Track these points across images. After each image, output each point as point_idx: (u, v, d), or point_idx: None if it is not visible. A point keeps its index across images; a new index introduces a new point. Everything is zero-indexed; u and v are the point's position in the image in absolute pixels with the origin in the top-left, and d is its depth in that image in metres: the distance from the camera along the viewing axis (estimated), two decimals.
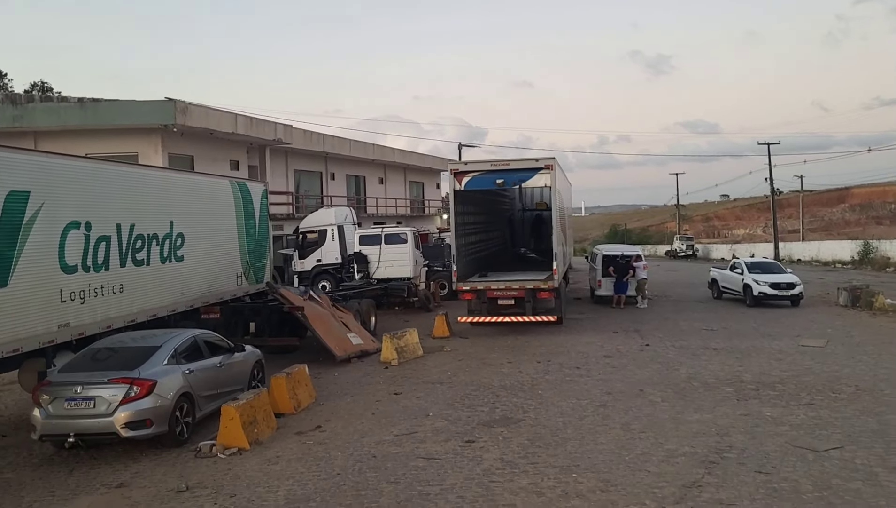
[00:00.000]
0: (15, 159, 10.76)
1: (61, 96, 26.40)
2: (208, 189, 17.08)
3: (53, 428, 9.56)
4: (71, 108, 25.70)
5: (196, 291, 15.85)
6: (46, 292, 11.06)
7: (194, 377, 10.68)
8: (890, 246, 50.70)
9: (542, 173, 19.46)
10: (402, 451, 9.65)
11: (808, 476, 8.21)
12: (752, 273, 25.59)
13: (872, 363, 14.59)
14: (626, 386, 13.08)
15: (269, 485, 8.52)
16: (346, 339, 16.63)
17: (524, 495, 7.93)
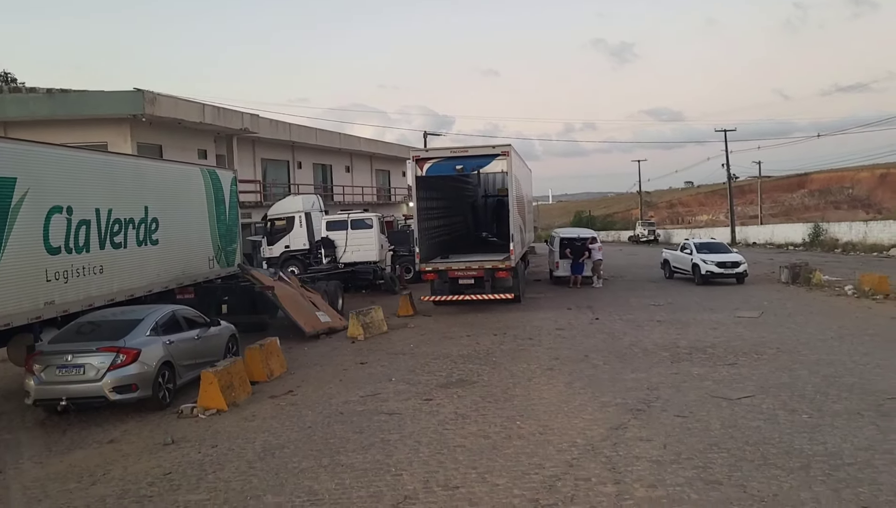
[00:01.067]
0: (2, 148, 11.57)
1: (29, 87, 26.81)
2: (180, 176, 17.92)
3: (46, 393, 10.46)
4: (40, 98, 26.21)
5: (170, 273, 16.71)
6: (33, 272, 11.90)
7: (174, 347, 11.62)
8: (838, 228, 52.90)
9: (500, 160, 20.58)
10: (367, 408, 10.73)
11: (719, 418, 9.45)
12: (700, 253, 27.04)
13: (797, 330, 16.00)
14: (573, 353, 14.30)
15: (247, 438, 9.54)
16: (315, 317, 17.64)
17: (473, 438, 9.06)
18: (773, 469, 7.56)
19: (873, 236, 47.13)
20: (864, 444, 8.22)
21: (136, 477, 8.22)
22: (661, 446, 8.43)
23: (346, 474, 7.96)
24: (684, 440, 8.61)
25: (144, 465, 8.65)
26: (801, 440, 8.45)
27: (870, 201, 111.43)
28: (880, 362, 12.45)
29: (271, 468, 8.29)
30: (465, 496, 7.19)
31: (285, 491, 7.52)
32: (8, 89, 27.79)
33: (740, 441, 8.46)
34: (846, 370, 11.89)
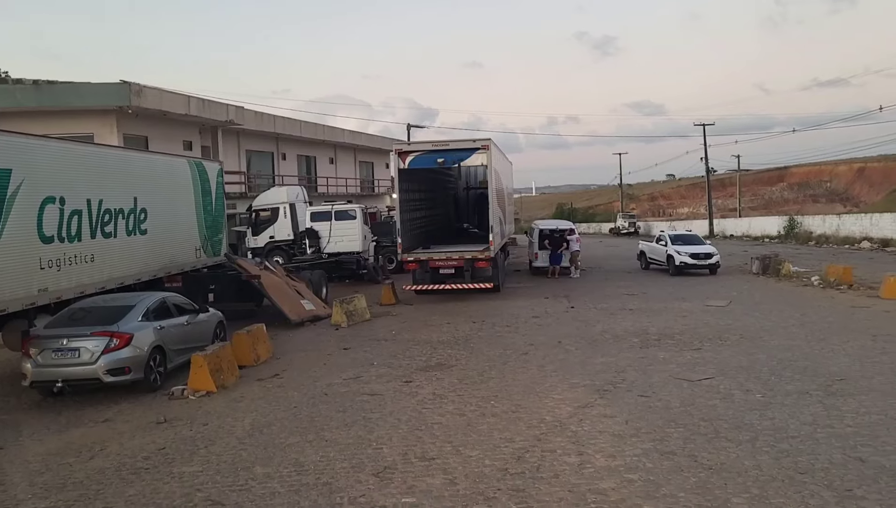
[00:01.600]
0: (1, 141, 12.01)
1: (16, 78, 27.06)
2: (168, 168, 18.38)
3: (43, 375, 10.96)
4: (26, 89, 26.48)
5: (158, 262, 17.20)
6: (28, 260, 12.38)
7: (165, 332, 12.15)
8: (812, 221, 53.96)
9: (479, 153, 21.19)
10: (350, 390, 11.32)
11: (679, 397, 10.13)
12: (674, 245, 27.83)
13: (762, 318, 16.75)
14: (547, 339, 14.96)
15: (236, 416, 10.10)
16: (300, 305, 18.18)
17: (449, 416, 9.67)
18: (723, 441, 8.23)
19: (845, 229, 48.15)
20: (809, 420, 8.92)
21: (132, 452, 8.76)
22: (623, 422, 9.09)
23: (330, 448, 8.55)
24: (645, 416, 9.28)
25: (139, 441, 9.20)
26: (752, 416, 9.14)
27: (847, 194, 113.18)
28: (834, 347, 13.20)
29: (259, 443, 8.86)
30: (441, 466, 7.80)
31: (273, 463, 8.10)
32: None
33: (696, 418, 9.14)
34: (801, 355, 12.63)
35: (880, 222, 45.30)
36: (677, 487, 6.95)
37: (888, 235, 42.85)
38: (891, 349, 12.88)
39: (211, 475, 7.83)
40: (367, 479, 7.50)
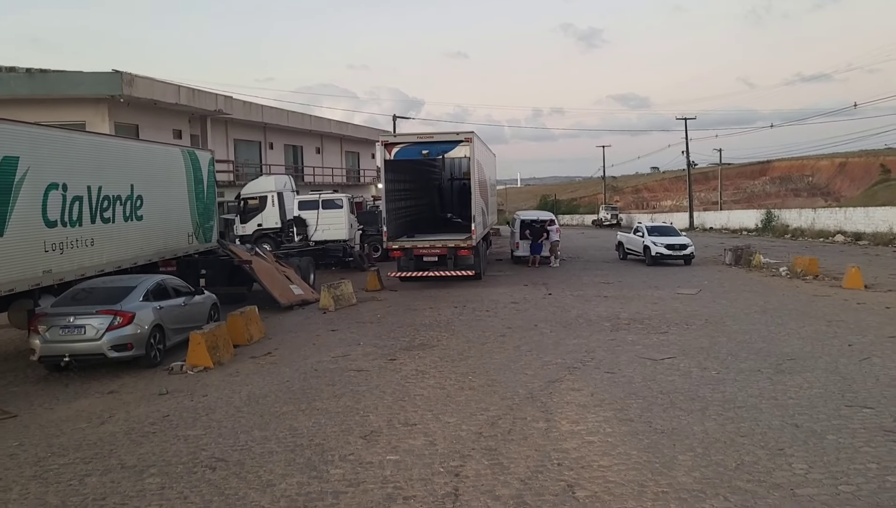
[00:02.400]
0: (7, 129, 12.69)
1: (9, 67, 27.48)
2: (163, 157, 19.05)
3: (51, 350, 11.70)
4: (20, 77, 26.96)
5: (153, 247, 17.89)
6: (33, 243, 13.06)
7: (164, 312, 12.92)
8: (789, 215, 55.26)
9: (463, 145, 22.00)
10: (339, 366, 12.14)
11: (642, 374, 11.03)
12: (651, 236, 28.81)
13: (727, 305, 17.73)
14: (524, 323, 15.85)
15: (233, 389, 10.90)
16: (289, 289, 18.96)
17: (430, 389, 10.53)
18: (677, 410, 9.13)
19: (820, 222, 49.39)
20: (756, 393, 9.85)
21: (139, 419, 9.55)
22: (589, 395, 9.98)
23: (321, 415, 9.38)
24: (608, 390, 10.18)
25: (144, 410, 9.99)
26: (706, 390, 10.06)
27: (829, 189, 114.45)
28: (790, 331, 14.18)
29: (256, 411, 9.68)
30: (422, 430, 8.65)
31: (269, 428, 8.92)
32: None
33: (655, 391, 10.05)
34: (759, 338, 13.59)
35: (853, 217, 46.57)
36: (631, 447, 7.84)
37: (861, 229, 44.10)
38: (841, 333, 13.86)
39: (213, 437, 8.64)
40: (355, 441, 8.34)
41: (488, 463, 7.49)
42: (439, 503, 6.55)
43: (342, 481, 7.13)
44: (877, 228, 42.78)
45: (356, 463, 7.62)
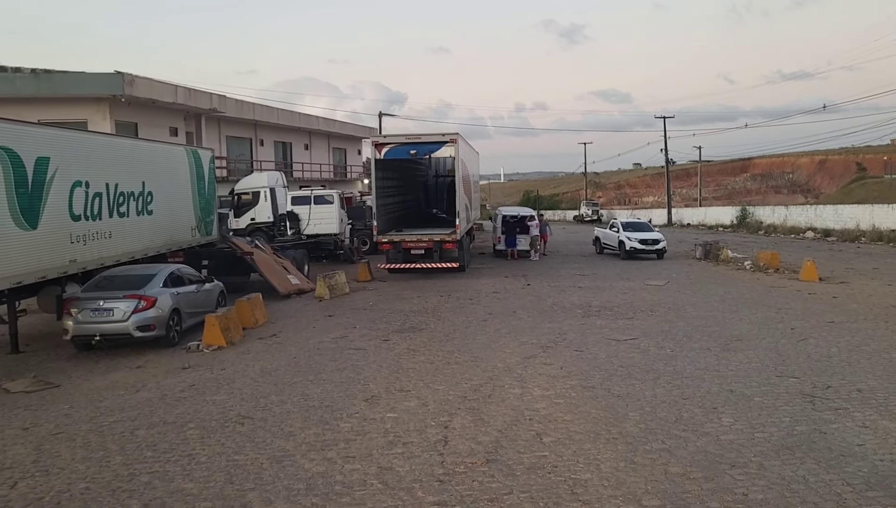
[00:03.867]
0: (40, 132, 14.08)
1: (14, 67, 28.61)
2: (169, 155, 20.42)
3: (83, 331, 13.10)
4: (25, 77, 28.12)
5: (161, 239, 19.27)
6: (61, 235, 14.44)
7: (180, 297, 14.35)
8: (763, 212, 57.21)
9: (448, 146, 23.52)
10: (339, 346, 13.64)
11: (606, 352, 12.61)
12: (625, 231, 30.47)
13: (690, 295, 19.38)
14: (504, 310, 17.41)
15: (247, 364, 12.37)
16: (287, 279, 20.41)
17: (421, 364, 12.05)
18: (633, 380, 10.71)
19: (793, 219, 51.31)
20: (702, 366, 11.46)
21: (169, 388, 11.00)
22: (559, 368, 11.54)
23: (328, 384, 10.88)
24: (576, 364, 11.75)
25: (172, 380, 11.43)
26: (660, 364, 11.65)
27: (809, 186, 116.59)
28: (743, 317, 15.83)
29: (270, 381, 11.16)
30: (415, 395, 10.17)
31: (285, 394, 10.40)
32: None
33: (616, 365, 11.62)
34: (714, 322, 15.23)
35: (824, 214, 48.49)
36: (591, 407, 9.40)
37: (830, 225, 45.97)
38: (787, 318, 15.52)
39: (237, 401, 10.12)
40: (359, 404, 9.84)
41: (472, 419, 9.03)
42: (432, 447, 8.07)
43: (351, 431, 8.64)
44: (845, 225, 44.63)
45: (361, 419, 9.13)
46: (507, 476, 7.12)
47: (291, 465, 7.60)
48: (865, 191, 73.40)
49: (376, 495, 6.79)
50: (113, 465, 7.76)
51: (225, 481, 7.22)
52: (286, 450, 8.06)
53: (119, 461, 7.89)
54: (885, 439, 7.95)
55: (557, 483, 6.95)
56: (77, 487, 7.19)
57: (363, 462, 7.64)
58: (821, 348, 12.63)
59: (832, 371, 10.96)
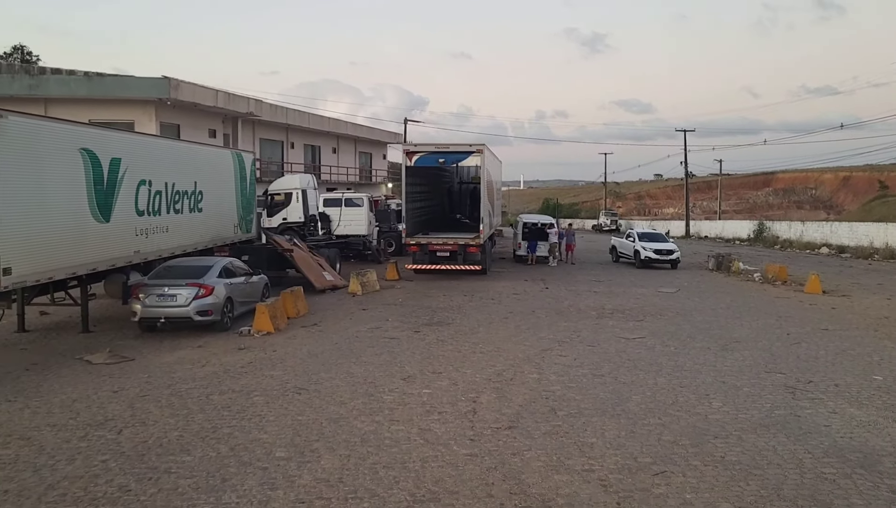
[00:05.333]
0: (114, 136, 15.76)
1: (69, 70, 30.49)
2: (217, 157, 22.10)
3: (150, 313, 14.71)
4: (79, 80, 30.01)
5: (209, 235, 20.92)
6: (129, 228, 16.10)
7: (232, 287, 15.92)
8: (779, 227, 58.20)
9: (474, 156, 25.08)
10: (374, 335, 15.16)
11: (616, 347, 14.03)
12: (641, 241, 31.81)
13: (699, 302, 20.73)
14: (523, 309, 18.86)
15: (295, 347, 13.92)
16: (322, 275, 21.99)
17: (449, 352, 13.54)
18: (638, 371, 12.13)
19: (808, 235, 52.28)
20: (701, 362, 12.86)
21: (230, 364, 12.56)
22: (573, 359, 12.99)
23: (369, 365, 12.39)
24: (588, 356, 13.20)
25: (231, 359, 12.99)
26: (663, 359, 13.06)
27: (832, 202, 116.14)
28: (744, 323, 17.18)
29: (318, 362, 12.69)
30: (446, 376, 11.66)
31: (332, 372, 11.92)
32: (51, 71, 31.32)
33: (624, 359, 13.05)
34: (717, 326, 16.60)
35: (839, 231, 49.51)
36: (599, 390, 10.84)
37: (845, 242, 46.94)
38: (786, 325, 16.85)
39: (291, 376, 11.65)
40: (397, 382, 11.34)
41: (496, 396, 10.50)
42: (463, 415, 9.55)
43: (393, 402, 10.15)
44: (859, 242, 45.61)
45: (401, 393, 10.63)
46: (526, 438, 8.59)
47: (346, 425, 9.11)
48: (886, 209, 73.75)
49: (419, 448, 8.28)
50: (197, 420, 9.32)
51: (293, 434, 8.74)
52: (340, 414, 9.58)
53: (201, 417, 9.44)
54: (849, 422, 9.34)
55: (568, 444, 8.41)
56: (172, 434, 8.74)
57: (406, 424, 9.14)
58: (810, 351, 13.97)
59: (816, 370, 12.33)
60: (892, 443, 8.53)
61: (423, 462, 7.84)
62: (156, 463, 7.79)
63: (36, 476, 7.47)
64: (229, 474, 7.48)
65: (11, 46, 51.46)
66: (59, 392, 10.75)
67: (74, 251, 14.11)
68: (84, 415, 9.59)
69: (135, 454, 8.10)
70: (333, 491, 7.04)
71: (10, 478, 7.41)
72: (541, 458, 7.94)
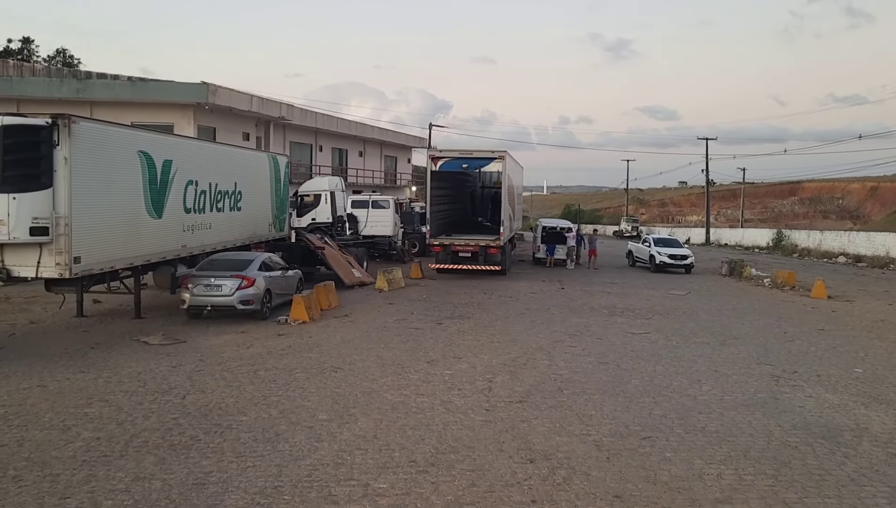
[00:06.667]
0: (166, 140, 17.32)
1: (113, 74, 32.28)
2: (255, 160, 23.62)
3: (197, 302, 16.20)
4: (123, 84, 31.80)
5: (247, 232, 22.41)
6: (177, 224, 17.60)
7: (271, 280, 17.37)
8: (798, 235, 58.83)
9: (496, 162, 26.41)
10: (400, 326, 16.53)
11: (622, 341, 15.28)
12: (656, 246, 32.94)
13: (706, 303, 21.89)
14: (539, 306, 20.15)
15: (328, 334, 15.32)
16: (351, 272, 23.43)
17: (470, 341, 14.87)
18: (639, 360, 13.38)
19: (827, 244, 52.95)
20: (699, 354, 14.08)
21: (271, 347, 13.99)
22: (581, 349, 14.27)
23: (397, 350, 13.76)
24: (595, 347, 14.47)
25: (271, 344, 14.42)
26: (664, 351, 14.30)
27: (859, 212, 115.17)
28: (745, 322, 18.34)
29: (351, 347, 14.07)
30: (466, 361, 12.99)
31: (363, 355, 13.30)
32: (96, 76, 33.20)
33: (628, 350, 14.31)
34: (719, 325, 17.78)
35: (856, 240, 50.16)
36: (602, 375, 12.12)
37: (862, 251, 47.61)
38: (784, 325, 18.00)
39: (328, 358, 13.04)
40: (422, 365, 12.69)
41: (510, 377, 11.82)
42: (480, 392, 10.87)
43: (418, 380, 11.50)
44: (876, 251, 46.26)
45: (425, 374, 11.98)
46: (534, 410, 9.90)
47: (378, 396, 10.48)
48: None
49: (441, 415, 9.62)
50: (248, 390, 10.73)
51: (332, 402, 10.13)
52: (372, 388, 10.95)
53: (251, 388, 10.86)
54: (821, 404, 10.55)
55: (570, 415, 9.71)
56: (228, 400, 10.16)
57: (430, 397, 10.49)
58: (802, 347, 15.14)
59: (803, 363, 13.52)
60: (855, 422, 9.74)
61: (444, 425, 9.18)
62: (218, 421, 9.21)
63: (120, 428, 8.91)
64: (281, 430, 8.87)
65: (55, 50, 53.69)
66: (125, 366, 12.22)
67: (132, 244, 15.64)
68: (150, 384, 11.05)
69: (199, 413, 9.52)
70: (369, 444, 8.40)
71: (99, 429, 8.86)
72: (546, 425, 9.25)
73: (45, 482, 7.22)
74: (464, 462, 7.88)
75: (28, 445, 8.28)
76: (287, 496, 6.93)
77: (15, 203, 12.98)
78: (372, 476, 7.46)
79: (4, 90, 31.19)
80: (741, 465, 7.92)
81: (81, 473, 7.44)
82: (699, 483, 7.41)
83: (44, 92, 31.35)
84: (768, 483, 7.41)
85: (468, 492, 7.08)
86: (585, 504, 6.85)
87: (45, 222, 13.22)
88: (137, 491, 7.00)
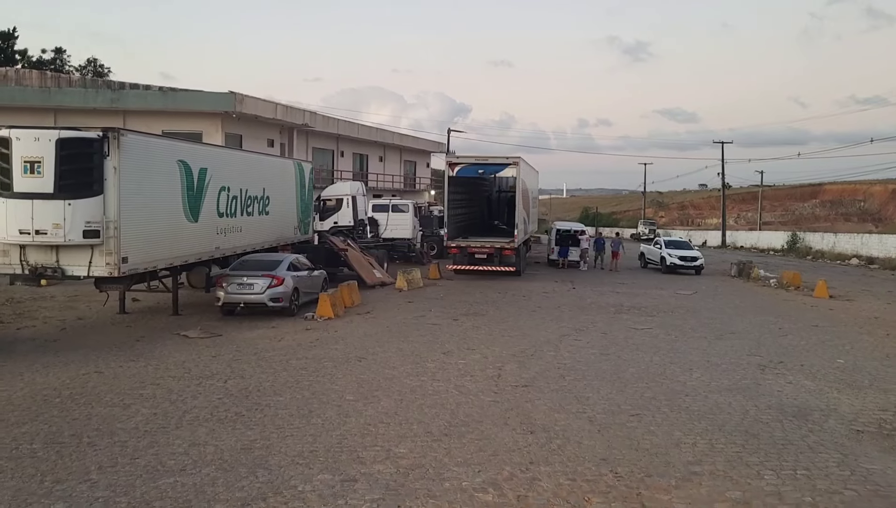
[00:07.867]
0: (201, 149, 18.73)
1: (145, 84, 33.85)
2: (282, 167, 25.00)
3: (231, 299, 17.54)
4: (154, 94, 33.35)
5: (273, 235, 23.76)
6: (212, 227, 18.95)
7: (298, 279, 18.69)
8: (812, 238, 59.39)
9: (511, 167, 27.64)
10: (419, 322, 17.76)
11: (625, 335, 16.40)
12: (667, 248, 33.96)
13: (710, 302, 22.92)
14: (550, 305, 21.31)
15: (352, 329, 16.59)
16: (373, 273, 24.72)
17: (483, 335, 16.08)
18: (640, 352, 14.50)
19: (840, 246, 53.50)
20: (695, 346, 15.19)
21: (300, 340, 15.27)
22: (586, 342, 15.42)
23: (416, 342, 15.00)
24: (599, 341, 15.62)
25: (300, 337, 15.70)
26: (663, 344, 15.41)
27: (881, 215, 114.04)
28: (745, 319, 19.38)
29: (372, 339, 15.32)
30: (479, 352, 14.19)
31: (384, 347, 14.53)
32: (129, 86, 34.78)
33: (630, 343, 15.44)
34: (719, 321, 18.84)
35: (869, 242, 50.71)
36: (603, 364, 13.27)
37: (875, 254, 48.17)
38: (781, 321, 19.02)
39: (352, 349, 14.30)
40: (438, 355, 13.91)
41: (518, 366, 13.01)
42: (490, 378, 12.07)
43: (434, 368, 12.72)
44: (888, 253, 46.79)
45: (441, 363, 13.20)
46: (538, 393, 11.09)
47: (398, 382, 11.71)
48: None
49: (454, 396, 10.83)
50: (282, 376, 12.01)
51: (358, 386, 11.38)
52: (393, 375, 12.18)
53: (285, 374, 12.14)
54: (798, 389, 11.65)
55: (570, 397, 10.89)
56: (265, 384, 11.44)
57: (445, 382, 11.71)
58: (794, 341, 16.19)
59: (791, 355, 14.59)
60: (827, 404, 10.82)
61: (457, 405, 10.39)
62: (258, 401, 10.48)
63: (172, 406, 10.21)
64: (313, 408, 10.13)
65: (86, 60, 55.64)
66: (170, 356, 13.55)
67: (172, 246, 17.00)
68: (194, 371, 12.36)
69: (241, 395, 10.81)
70: (391, 419, 9.64)
71: (154, 406, 10.16)
72: (546, 404, 10.43)
73: (115, 447, 8.51)
74: (473, 433, 9.09)
75: (95, 419, 9.59)
76: (322, 458, 8.17)
77: (70, 209, 14.35)
78: (393, 443, 8.68)
79: (43, 101, 32.88)
80: (715, 437, 9.06)
81: (145, 440, 8.73)
82: (676, 449, 8.56)
83: (80, 102, 33.01)
84: (736, 451, 8.55)
85: (476, 456, 8.29)
86: (575, 465, 8.03)
87: (96, 225, 14.58)
88: (195, 453, 8.27)
